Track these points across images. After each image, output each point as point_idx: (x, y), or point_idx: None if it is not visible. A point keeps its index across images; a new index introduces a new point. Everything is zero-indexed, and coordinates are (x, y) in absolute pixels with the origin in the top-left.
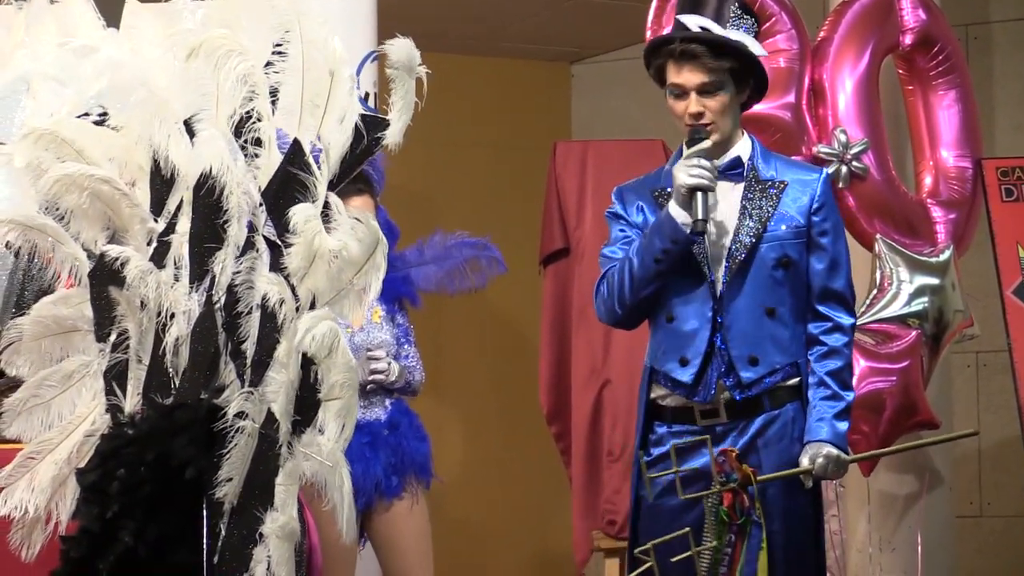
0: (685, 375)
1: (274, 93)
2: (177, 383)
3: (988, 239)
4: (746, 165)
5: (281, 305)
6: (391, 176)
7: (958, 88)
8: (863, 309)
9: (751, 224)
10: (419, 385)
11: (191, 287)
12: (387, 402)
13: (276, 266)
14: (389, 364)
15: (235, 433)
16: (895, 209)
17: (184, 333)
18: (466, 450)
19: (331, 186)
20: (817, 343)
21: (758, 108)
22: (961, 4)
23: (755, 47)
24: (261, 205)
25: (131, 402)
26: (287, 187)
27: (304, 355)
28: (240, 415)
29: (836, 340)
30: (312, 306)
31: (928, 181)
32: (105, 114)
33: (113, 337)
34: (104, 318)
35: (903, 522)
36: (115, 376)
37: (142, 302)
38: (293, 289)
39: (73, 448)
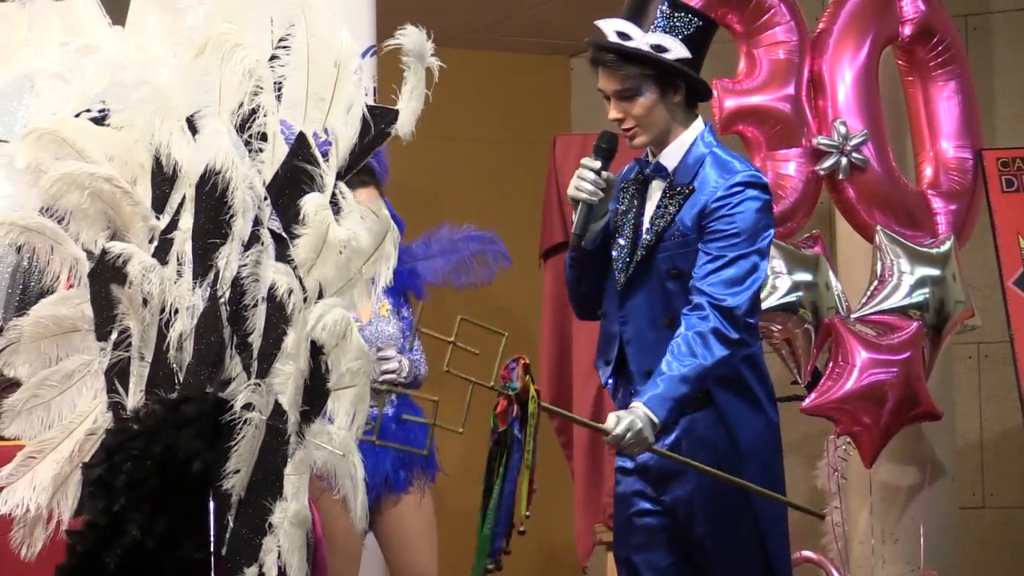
0: (604, 376)
1: (279, 87)
2: (181, 378)
3: (989, 230)
4: (670, 170)
5: (290, 295)
6: (391, 170)
7: (958, 79)
8: (864, 300)
9: (648, 234)
10: (424, 379)
11: (195, 283)
12: (393, 396)
13: (282, 258)
14: (400, 362)
15: (242, 425)
16: (895, 200)
17: (188, 328)
18: (469, 443)
19: (339, 177)
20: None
21: (757, 100)
22: None
23: (677, 49)
24: (266, 199)
25: (133, 399)
26: (293, 180)
27: (313, 344)
28: (247, 407)
29: (696, 323)
30: (320, 296)
31: (928, 172)
32: (106, 109)
33: (114, 336)
34: (105, 316)
35: (905, 513)
36: (117, 374)
37: (145, 299)
38: (300, 280)
39: (74, 447)
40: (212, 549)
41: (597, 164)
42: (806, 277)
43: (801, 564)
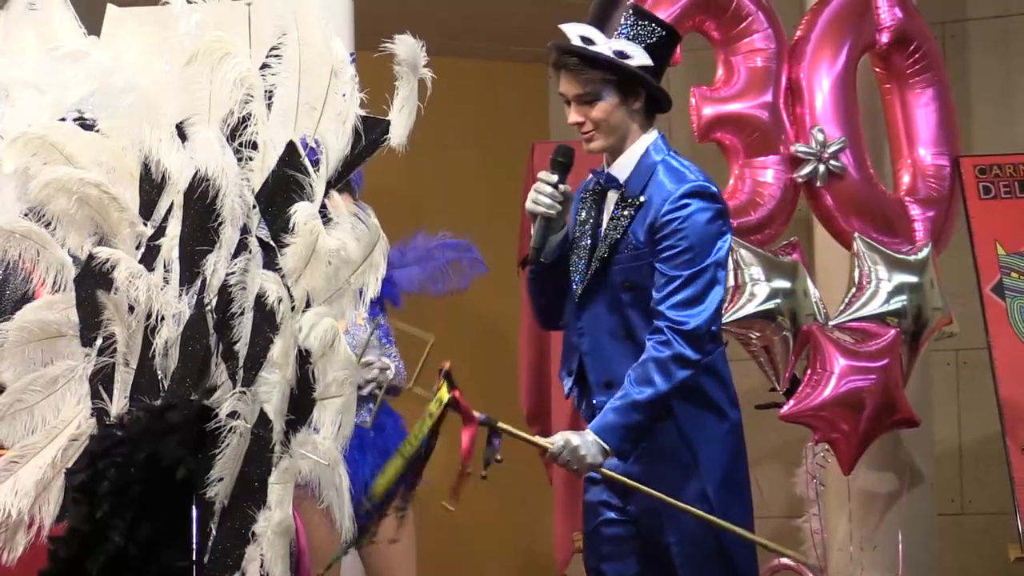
0: (567, 386)
1: (270, 96)
2: (166, 385)
3: (966, 237)
4: (622, 181)
5: (279, 303)
6: (369, 177)
7: (935, 86)
8: (842, 307)
9: (602, 247)
10: (402, 384)
11: (181, 290)
12: (371, 404)
13: (271, 267)
14: (383, 371)
15: (227, 433)
16: (873, 207)
17: (174, 336)
18: (452, 454)
19: (330, 186)
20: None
21: (735, 108)
22: (937, 2)
23: (639, 57)
24: (255, 207)
25: (117, 405)
26: (282, 188)
27: (300, 353)
28: (232, 415)
29: (657, 349)
30: (308, 306)
31: (906, 179)
32: (82, 118)
33: (99, 341)
34: (90, 322)
35: (884, 520)
36: (101, 380)
37: (131, 305)
38: (288, 289)
39: (57, 452)
40: (195, 557)
41: (554, 178)
42: (784, 284)
43: (780, 571)
